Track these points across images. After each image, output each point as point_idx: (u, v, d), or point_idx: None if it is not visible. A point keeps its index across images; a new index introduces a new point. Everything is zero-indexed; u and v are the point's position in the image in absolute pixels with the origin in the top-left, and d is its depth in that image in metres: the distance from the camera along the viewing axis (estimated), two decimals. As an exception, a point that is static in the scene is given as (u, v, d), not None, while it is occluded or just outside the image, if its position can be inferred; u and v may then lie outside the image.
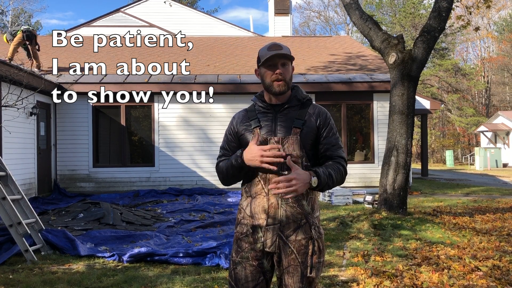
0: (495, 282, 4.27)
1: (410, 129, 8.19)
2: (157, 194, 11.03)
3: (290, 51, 2.33)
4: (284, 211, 2.21)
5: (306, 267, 2.20)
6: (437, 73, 37.55)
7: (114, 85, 11.70)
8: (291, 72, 2.32)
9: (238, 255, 2.29)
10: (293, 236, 2.21)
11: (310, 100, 2.38)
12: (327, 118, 2.33)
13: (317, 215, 2.31)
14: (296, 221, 2.21)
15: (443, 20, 8.27)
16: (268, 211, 2.22)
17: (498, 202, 10.29)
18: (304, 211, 2.23)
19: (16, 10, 37.43)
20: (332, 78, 12.20)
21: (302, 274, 2.20)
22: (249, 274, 2.25)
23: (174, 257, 5.07)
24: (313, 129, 2.27)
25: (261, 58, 2.32)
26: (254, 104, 2.40)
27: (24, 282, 4.34)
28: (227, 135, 2.41)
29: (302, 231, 2.22)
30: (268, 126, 2.28)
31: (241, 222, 2.32)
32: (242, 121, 2.36)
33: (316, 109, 2.33)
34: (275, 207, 2.22)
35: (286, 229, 2.21)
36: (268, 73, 2.30)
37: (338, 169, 2.25)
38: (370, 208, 8.75)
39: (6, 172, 5.54)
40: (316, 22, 57.73)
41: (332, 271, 4.69)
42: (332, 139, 2.30)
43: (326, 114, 2.34)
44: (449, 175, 20.32)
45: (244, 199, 2.33)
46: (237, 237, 2.32)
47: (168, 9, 19.11)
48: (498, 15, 45.12)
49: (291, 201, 2.21)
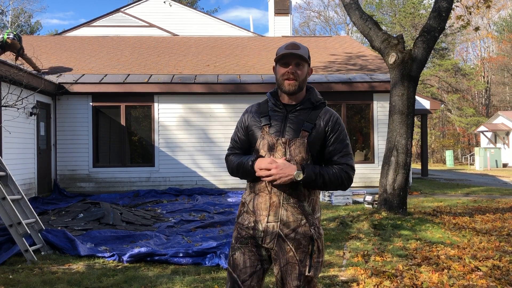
0: (495, 282, 4.27)
1: (410, 129, 8.19)
2: (157, 194, 11.02)
3: (308, 53, 2.32)
4: (285, 210, 2.23)
5: (304, 266, 2.22)
6: (437, 73, 37.55)
7: (114, 85, 11.70)
8: (306, 74, 2.31)
9: (237, 241, 2.32)
10: (292, 234, 2.23)
11: (323, 103, 2.36)
12: (337, 124, 2.30)
13: (318, 216, 2.33)
14: (296, 221, 2.23)
15: (443, 20, 8.27)
16: (269, 209, 2.24)
17: (498, 202, 10.29)
18: (305, 212, 2.25)
19: (16, 10, 37.46)
20: (332, 78, 12.19)
21: (300, 272, 2.22)
22: (247, 259, 2.27)
23: (174, 257, 5.07)
24: (321, 134, 2.26)
25: (277, 54, 2.33)
26: (267, 100, 2.40)
27: (24, 282, 4.34)
28: (238, 127, 2.44)
29: (302, 230, 2.24)
30: (277, 126, 2.28)
31: (243, 215, 2.35)
32: (253, 116, 2.37)
33: (327, 113, 2.32)
34: (276, 205, 2.24)
35: (286, 227, 2.23)
36: (281, 70, 2.30)
37: (338, 174, 2.23)
38: (370, 208, 8.76)
39: (6, 172, 5.54)
40: (316, 22, 57.78)
41: (332, 271, 4.69)
42: (339, 146, 2.28)
43: (337, 119, 2.31)
44: (449, 175, 20.32)
45: (247, 194, 2.36)
46: (238, 226, 2.35)
47: (168, 9, 19.10)
48: (498, 15, 45.14)
49: (292, 201, 2.23)
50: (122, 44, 16.02)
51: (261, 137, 2.29)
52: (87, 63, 13.49)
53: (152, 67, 13.19)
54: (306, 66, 2.30)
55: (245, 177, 2.34)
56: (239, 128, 2.43)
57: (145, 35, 17.98)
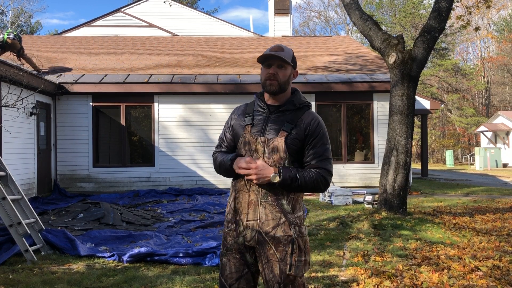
0: (495, 282, 4.27)
1: (410, 129, 8.19)
2: (157, 194, 11.03)
3: (291, 55, 2.36)
4: (263, 208, 2.28)
5: (285, 265, 2.24)
6: (437, 73, 37.55)
7: (114, 85, 11.70)
8: (289, 76, 2.35)
9: (224, 247, 2.39)
10: (272, 232, 2.26)
11: (307, 106, 2.39)
12: (318, 128, 2.31)
13: (300, 215, 2.33)
14: (275, 219, 2.26)
15: (443, 20, 8.27)
16: (248, 207, 2.30)
17: (498, 202, 10.29)
18: (283, 210, 2.27)
19: (16, 10, 37.45)
20: (332, 78, 12.20)
21: (281, 270, 2.24)
22: (232, 266, 2.34)
23: (174, 257, 5.07)
24: (300, 135, 2.29)
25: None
26: (254, 101, 2.48)
27: (24, 282, 4.34)
28: (226, 126, 2.53)
29: (281, 229, 2.26)
30: (259, 126, 2.35)
31: (227, 217, 2.42)
32: (239, 116, 2.46)
33: (310, 116, 2.34)
34: (255, 203, 2.29)
35: (265, 225, 2.27)
36: (264, 71, 2.37)
37: (314, 178, 2.26)
38: (370, 208, 8.75)
39: (6, 172, 5.54)
40: (316, 22, 57.77)
41: (332, 271, 4.69)
42: (319, 150, 2.30)
43: (318, 123, 2.33)
44: (449, 175, 20.32)
45: (230, 194, 2.44)
46: (224, 231, 2.43)
47: (168, 9, 19.10)
48: (498, 15, 45.14)
49: (270, 199, 2.27)
50: (122, 44, 16.02)
51: (243, 136, 2.37)
52: (87, 63, 13.49)
53: (152, 67, 13.19)
54: (289, 69, 2.35)
55: (227, 175, 2.42)
56: (226, 127, 2.51)
57: (145, 35, 17.98)
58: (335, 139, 12.43)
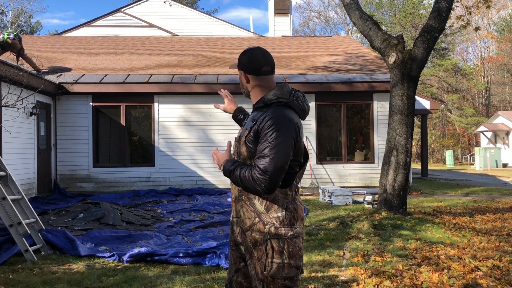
0: (495, 282, 4.27)
1: (410, 129, 8.19)
2: (157, 194, 11.03)
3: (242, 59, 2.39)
4: (240, 206, 2.33)
5: (262, 265, 2.23)
6: (437, 73, 37.56)
7: (114, 85, 11.70)
8: (242, 81, 2.42)
9: (230, 241, 2.49)
10: (249, 232, 2.27)
11: (276, 103, 2.28)
12: (267, 124, 2.18)
13: (278, 216, 2.22)
14: (250, 218, 2.28)
15: (443, 20, 8.27)
16: (233, 203, 2.40)
17: (498, 202, 10.29)
18: (256, 210, 2.26)
19: (16, 10, 37.45)
20: (332, 78, 12.20)
21: (260, 269, 2.24)
22: (231, 258, 2.44)
23: (174, 257, 5.07)
24: (255, 133, 2.24)
25: None
26: None
27: (24, 282, 4.34)
28: None
29: (257, 228, 2.25)
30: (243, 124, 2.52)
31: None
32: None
33: (266, 113, 2.24)
34: (235, 201, 2.37)
35: (244, 224, 2.31)
36: None
37: (247, 176, 2.17)
38: (370, 208, 8.76)
39: (6, 172, 5.54)
40: (316, 22, 57.72)
41: (332, 271, 4.70)
42: (260, 146, 2.18)
43: (269, 120, 2.18)
44: (449, 175, 20.32)
45: None
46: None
47: (168, 9, 19.11)
48: (498, 15, 45.14)
49: (244, 198, 2.31)
50: (122, 44, 16.02)
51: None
52: (87, 63, 13.49)
53: (152, 67, 13.20)
54: (241, 73, 2.40)
55: None
56: None
57: (145, 35, 17.99)
58: (335, 139, 12.44)
